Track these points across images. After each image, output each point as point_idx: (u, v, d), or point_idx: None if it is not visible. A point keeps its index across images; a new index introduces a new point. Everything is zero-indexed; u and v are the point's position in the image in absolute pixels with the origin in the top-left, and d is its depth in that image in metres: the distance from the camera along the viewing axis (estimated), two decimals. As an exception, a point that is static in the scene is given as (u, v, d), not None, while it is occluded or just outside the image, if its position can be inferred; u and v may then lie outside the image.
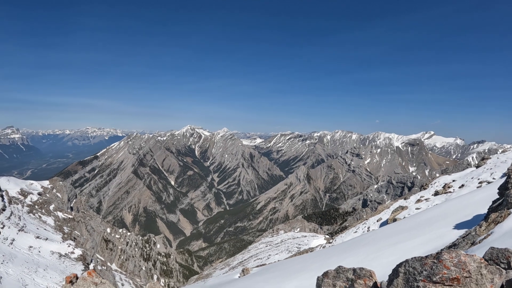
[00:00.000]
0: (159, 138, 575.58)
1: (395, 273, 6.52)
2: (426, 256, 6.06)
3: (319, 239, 72.23)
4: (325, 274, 8.15)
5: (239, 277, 28.39)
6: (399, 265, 6.46)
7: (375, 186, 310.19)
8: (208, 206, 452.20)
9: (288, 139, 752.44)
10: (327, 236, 78.37)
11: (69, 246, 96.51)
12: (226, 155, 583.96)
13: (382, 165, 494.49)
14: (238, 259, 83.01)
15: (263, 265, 35.34)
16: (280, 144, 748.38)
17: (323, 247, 47.38)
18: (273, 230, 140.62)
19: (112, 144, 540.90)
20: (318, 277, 8.40)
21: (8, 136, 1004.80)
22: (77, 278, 10.02)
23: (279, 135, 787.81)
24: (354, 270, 7.56)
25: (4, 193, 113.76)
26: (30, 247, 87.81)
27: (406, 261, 6.30)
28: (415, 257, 6.23)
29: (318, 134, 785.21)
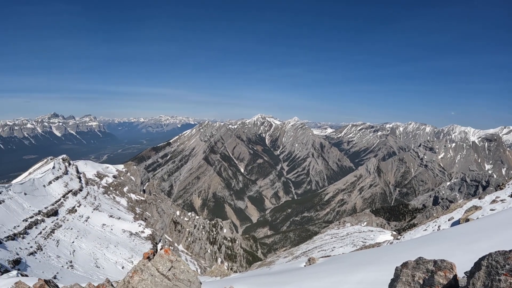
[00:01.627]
0: (230, 126, 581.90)
1: (477, 266, 6.47)
2: (510, 250, 6.04)
3: (386, 235, 70.49)
4: (404, 264, 8.14)
5: (304, 265, 28.48)
6: (481, 258, 6.41)
7: (448, 183, 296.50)
8: (276, 195, 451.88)
9: (359, 129, 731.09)
10: (394, 233, 76.15)
11: (139, 225, 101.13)
12: (296, 145, 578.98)
13: (456, 161, 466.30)
14: (302, 249, 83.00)
15: (327, 256, 35.26)
16: (351, 135, 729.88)
17: (390, 243, 46.24)
18: (339, 222, 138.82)
19: (185, 132, 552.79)
20: (396, 267, 8.38)
21: (86, 124, 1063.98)
22: (154, 254, 10.82)
23: (350, 125, 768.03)
24: (435, 261, 7.55)
25: (81, 175, 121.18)
26: (103, 224, 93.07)
27: (490, 254, 6.28)
28: (498, 251, 6.21)
29: (390, 125, 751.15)
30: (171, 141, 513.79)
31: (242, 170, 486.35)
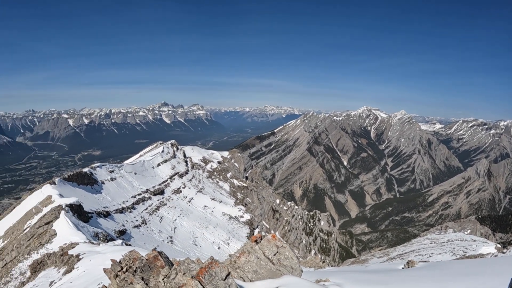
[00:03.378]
0: (334, 118, 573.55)
1: None
2: None
3: (490, 247, 65.21)
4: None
5: (402, 268, 27.90)
6: None
7: None
8: (377, 191, 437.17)
9: (470, 126, 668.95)
10: (498, 245, 70.37)
11: (239, 210, 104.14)
12: (402, 139, 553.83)
13: None
14: (398, 251, 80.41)
15: (425, 262, 34.13)
16: (461, 132, 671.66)
17: (495, 256, 43.14)
18: (441, 227, 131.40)
19: (289, 122, 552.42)
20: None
21: (194, 112, 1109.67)
22: (261, 238, 11.38)
23: (461, 121, 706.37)
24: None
25: (188, 159, 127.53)
26: (205, 206, 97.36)
27: None
28: None
29: (505, 123, 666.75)
30: (275, 130, 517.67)
31: (345, 163, 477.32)
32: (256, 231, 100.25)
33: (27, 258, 32.90)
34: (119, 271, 8.90)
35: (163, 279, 8.02)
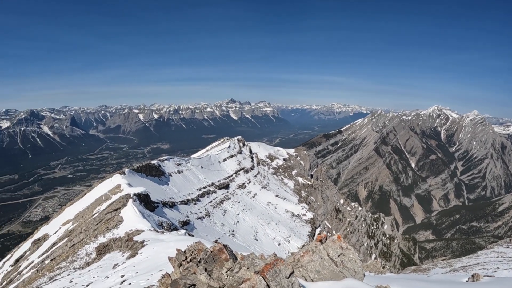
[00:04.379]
0: (403, 117, 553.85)
1: None
2: None
3: None
4: None
5: (466, 281, 26.38)
6: None
7: None
8: (445, 197, 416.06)
9: None
10: None
11: (302, 208, 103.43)
12: (474, 142, 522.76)
13: None
14: (462, 262, 76.29)
15: (491, 276, 32.21)
16: None
17: None
18: (510, 239, 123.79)
19: (356, 121, 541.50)
20: None
21: (261, 109, 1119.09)
22: (326, 239, 11.15)
23: None
24: None
25: (254, 156, 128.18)
26: (269, 202, 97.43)
27: None
28: None
29: None
30: (342, 129, 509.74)
31: (413, 165, 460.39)
32: (317, 230, 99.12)
33: (94, 241, 34.40)
34: (183, 260, 9.07)
35: (226, 272, 8.00)
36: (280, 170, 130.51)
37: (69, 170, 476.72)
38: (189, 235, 39.23)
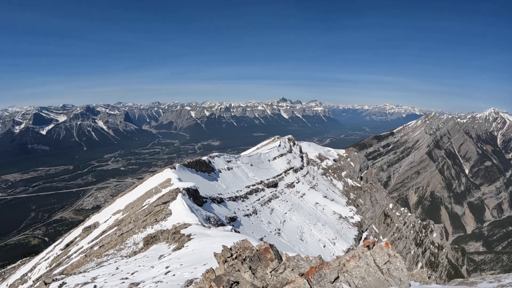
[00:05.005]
0: (458, 120, 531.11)
1: None
2: None
3: None
4: None
5: None
6: None
7: None
8: (499, 206, 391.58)
9: None
10: None
11: (350, 211, 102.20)
12: None
13: None
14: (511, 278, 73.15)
15: None
16: None
17: None
18: None
19: (409, 122, 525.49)
20: None
21: (312, 108, 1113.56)
22: (374, 244, 11.07)
23: None
24: None
25: (304, 155, 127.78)
26: (316, 203, 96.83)
27: None
28: None
29: None
30: (394, 131, 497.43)
31: (467, 172, 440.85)
32: (364, 234, 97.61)
33: (142, 232, 35.46)
34: (229, 257, 9.06)
35: (270, 272, 7.96)
36: (330, 170, 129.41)
37: (121, 163, 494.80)
38: (235, 231, 39.53)
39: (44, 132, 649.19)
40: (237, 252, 8.95)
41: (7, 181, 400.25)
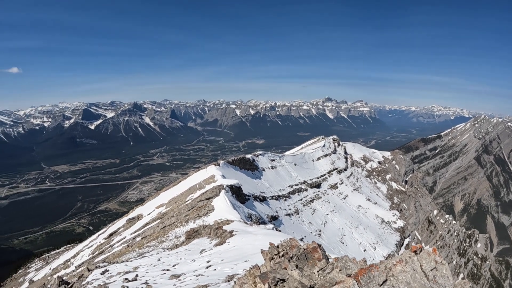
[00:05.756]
0: (509, 124, 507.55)
1: None
2: None
3: None
4: None
5: None
6: None
7: None
8: None
9: None
10: None
11: (393, 215, 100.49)
12: None
13: None
14: None
15: None
16: None
17: None
18: None
19: (458, 125, 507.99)
20: None
21: (358, 109, 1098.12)
22: (421, 250, 10.92)
23: None
24: None
25: (348, 156, 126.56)
26: (359, 206, 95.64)
27: None
28: None
29: None
30: (442, 133, 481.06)
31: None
32: (406, 240, 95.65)
33: (184, 226, 36.30)
34: (276, 254, 9.12)
35: (317, 271, 7.93)
36: (374, 173, 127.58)
37: (166, 158, 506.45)
38: (276, 230, 39.57)
39: (92, 127, 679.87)
40: (284, 250, 9.00)
41: (56, 172, 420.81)
